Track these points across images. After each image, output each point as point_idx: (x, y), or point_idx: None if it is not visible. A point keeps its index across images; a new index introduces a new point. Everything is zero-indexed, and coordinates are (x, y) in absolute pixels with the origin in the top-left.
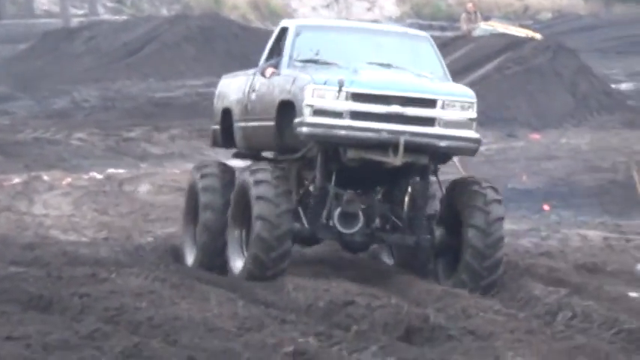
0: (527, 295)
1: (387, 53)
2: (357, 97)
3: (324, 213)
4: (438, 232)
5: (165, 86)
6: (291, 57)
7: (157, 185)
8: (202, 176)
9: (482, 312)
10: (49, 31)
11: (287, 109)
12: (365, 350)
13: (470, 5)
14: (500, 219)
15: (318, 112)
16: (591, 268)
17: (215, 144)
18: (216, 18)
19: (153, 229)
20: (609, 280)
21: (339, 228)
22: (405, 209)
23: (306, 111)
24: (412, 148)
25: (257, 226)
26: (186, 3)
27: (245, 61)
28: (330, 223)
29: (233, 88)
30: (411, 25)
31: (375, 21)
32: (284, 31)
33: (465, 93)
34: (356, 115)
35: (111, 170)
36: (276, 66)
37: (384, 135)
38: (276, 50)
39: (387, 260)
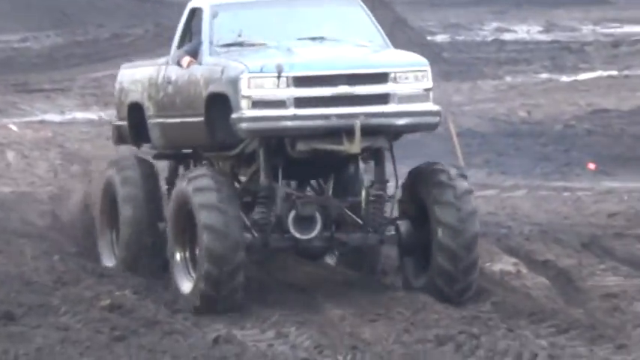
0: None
1: (316, 25)
2: (300, 81)
3: (274, 218)
4: (404, 228)
5: None
6: (211, 42)
7: None
8: (120, 169)
9: (302, 265)
10: None
11: (217, 102)
12: None
13: None
14: (473, 213)
15: (257, 104)
16: None
17: (120, 141)
18: None
19: None
20: None
21: (295, 234)
22: (363, 203)
23: (244, 104)
24: (368, 131)
25: (204, 238)
26: None
27: (61, 16)
28: (284, 229)
29: (140, 80)
30: None
31: None
32: (194, 12)
33: (416, 61)
34: (301, 101)
35: None
36: (194, 54)
37: (336, 120)
38: (189, 35)
39: (330, 260)
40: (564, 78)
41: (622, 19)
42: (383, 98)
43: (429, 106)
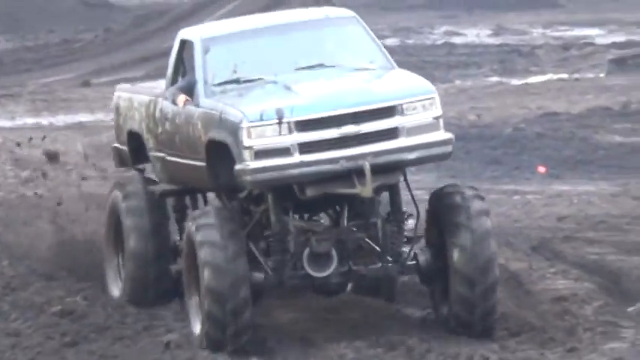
0: None
1: (314, 50)
2: (303, 125)
3: (289, 256)
4: (423, 256)
5: None
6: (206, 82)
7: None
8: (125, 196)
9: None
10: None
11: (218, 149)
12: None
13: None
14: (488, 234)
15: (260, 154)
16: None
17: (122, 164)
18: None
19: None
20: None
21: (311, 272)
22: (380, 233)
23: (247, 155)
24: (379, 169)
25: (205, 276)
26: None
27: (12, 21)
28: (298, 267)
29: (137, 108)
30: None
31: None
32: (185, 44)
33: (424, 89)
34: (306, 146)
35: None
36: (189, 91)
37: (344, 163)
38: (181, 68)
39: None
40: (514, 81)
41: (572, 22)
42: (392, 133)
43: (440, 134)
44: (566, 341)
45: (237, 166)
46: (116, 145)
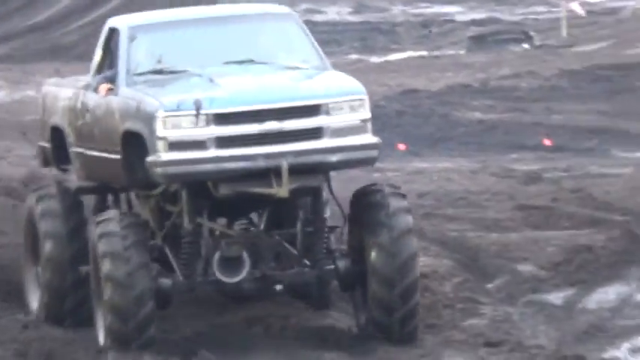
0: None
1: (246, 45)
2: (221, 118)
3: (200, 260)
4: (342, 261)
5: None
6: (128, 71)
7: None
8: (39, 199)
9: None
10: None
11: (134, 140)
12: None
13: None
14: (408, 232)
15: (175, 146)
16: None
17: (46, 164)
18: None
19: None
20: None
21: (221, 277)
22: (299, 237)
23: (160, 146)
24: (299, 170)
25: (105, 290)
26: None
27: None
28: (209, 272)
29: (61, 102)
30: None
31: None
32: (112, 32)
33: (352, 89)
34: (223, 141)
35: None
36: (112, 80)
37: (262, 162)
38: (109, 57)
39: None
40: (374, 59)
41: None
42: (315, 133)
43: (367, 138)
44: (425, 318)
45: (149, 158)
46: (41, 143)
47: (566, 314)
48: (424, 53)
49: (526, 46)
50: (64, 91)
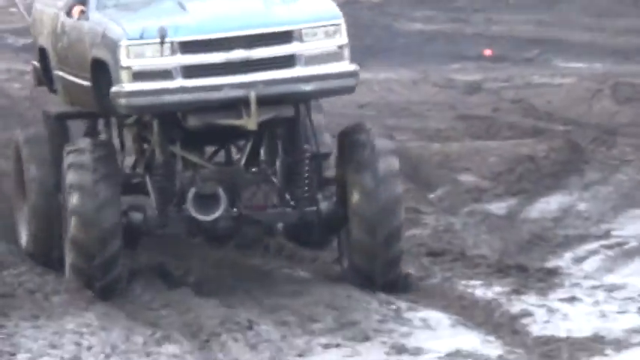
0: None
1: None
2: (188, 46)
3: (174, 195)
4: (325, 202)
5: None
6: None
7: None
8: (24, 127)
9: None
10: None
11: (102, 68)
12: None
13: None
14: (393, 174)
15: (139, 76)
16: None
17: (40, 83)
18: None
19: None
20: None
21: (195, 215)
22: (278, 173)
23: (124, 76)
24: (269, 101)
25: (70, 225)
26: None
27: None
28: (183, 208)
29: (45, 21)
30: None
31: None
32: None
33: (327, 13)
34: (189, 70)
35: None
36: (84, 3)
37: (230, 91)
38: None
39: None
40: None
41: None
42: (287, 61)
43: (344, 65)
44: None
45: (113, 88)
46: (34, 62)
47: (508, 224)
48: None
49: None
50: (48, 11)
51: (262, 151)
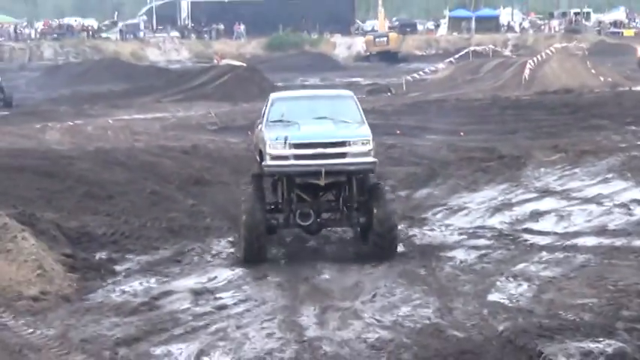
0: None
1: (325, 110)
2: (296, 145)
3: (290, 213)
4: (362, 219)
5: None
6: (267, 119)
7: None
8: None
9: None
10: None
11: (261, 153)
12: None
13: None
14: (393, 211)
15: (274, 158)
16: None
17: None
18: None
19: None
20: None
21: (299, 222)
22: (340, 205)
23: (268, 157)
24: (332, 173)
25: (243, 218)
26: None
27: None
28: (293, 219)
29: (255, 128)
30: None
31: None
32: (268, 99)
33: (364, 134)
34: (296, 157)
35: None
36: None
37: (314, 168)
38: (265, 111)
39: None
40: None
41: None
42: (342, 155)
43: (369, 159)
44: None
45: (263, 163)
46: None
47: (406, 200)
48: None
49: (389, 94)
50: (258, 124)
51: (334, 195)
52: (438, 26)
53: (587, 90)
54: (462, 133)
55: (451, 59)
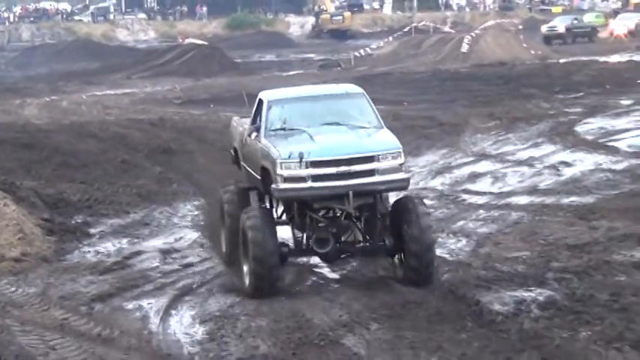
0: None
1: (334, 113)
2: (315, 164)
3: (304, 239)
4: (388, 241)
5: None
6: (266, 128)
7: None
8: (224, 192)
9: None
10: None
11: (267, 171)
12: None
13: None
14: (429, 228)
15: (287, 180)
16: None
17: (234, 163)
18: None
19: None
20: None
21: (316, 249)
22: (362, 228)
23: (279, 179)
24: (359, 195)
25: (251, 248)
26: None
27: None
28: (308, 245)
29: (238, 134)
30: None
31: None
32: (261, 101)
33: (394, 145)
34: (315, 178)
35: None
36: (258, 130)
37: (338, 190)
38: (257, 115)
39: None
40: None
41: None
42: (370, 173)
43: (401, 175)
44: None
45: (272, 186)
46: (232, 151)
47: None
48: (298, 72)
49: (339, 68)
50: (239, 128)
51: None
52: (382, 5)
53: (520, 62)
54: (405, 103)
55: (394, 35)
